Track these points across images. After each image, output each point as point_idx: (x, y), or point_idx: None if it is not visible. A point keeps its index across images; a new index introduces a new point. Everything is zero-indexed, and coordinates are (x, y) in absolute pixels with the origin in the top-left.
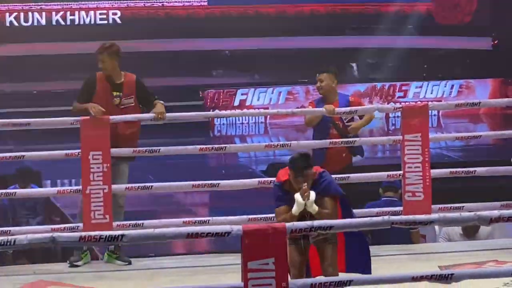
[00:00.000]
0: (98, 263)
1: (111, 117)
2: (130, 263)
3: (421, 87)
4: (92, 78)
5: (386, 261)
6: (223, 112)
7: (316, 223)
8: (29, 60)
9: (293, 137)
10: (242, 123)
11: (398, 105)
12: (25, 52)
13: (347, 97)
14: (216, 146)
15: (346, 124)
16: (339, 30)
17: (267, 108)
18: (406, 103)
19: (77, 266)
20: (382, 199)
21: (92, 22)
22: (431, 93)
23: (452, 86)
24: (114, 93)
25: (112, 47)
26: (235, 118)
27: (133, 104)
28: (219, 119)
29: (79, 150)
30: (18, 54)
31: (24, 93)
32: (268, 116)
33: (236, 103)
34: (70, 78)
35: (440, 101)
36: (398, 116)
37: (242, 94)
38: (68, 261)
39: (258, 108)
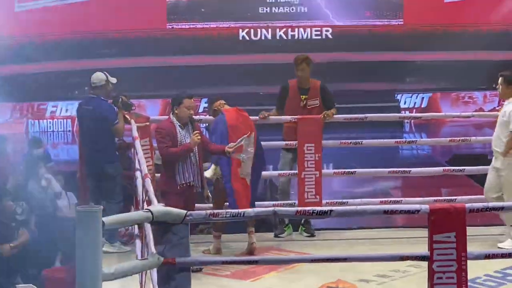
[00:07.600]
0: (296, 234)
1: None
2: (313, 235)
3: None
4: (286, 85)
5: None
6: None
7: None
8: (256, 67)
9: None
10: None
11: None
12: (252, 61)
13: None
14: (408, 139)
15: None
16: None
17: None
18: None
19: (281, 237)
20: None
21: (309, 37)
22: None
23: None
24: (302, 97)
25: (309, 58)
26: None
27: (318, 105)
28: None
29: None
30: (248, 62)
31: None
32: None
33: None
34: None
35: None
36: None
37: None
38: (274, 234)
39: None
